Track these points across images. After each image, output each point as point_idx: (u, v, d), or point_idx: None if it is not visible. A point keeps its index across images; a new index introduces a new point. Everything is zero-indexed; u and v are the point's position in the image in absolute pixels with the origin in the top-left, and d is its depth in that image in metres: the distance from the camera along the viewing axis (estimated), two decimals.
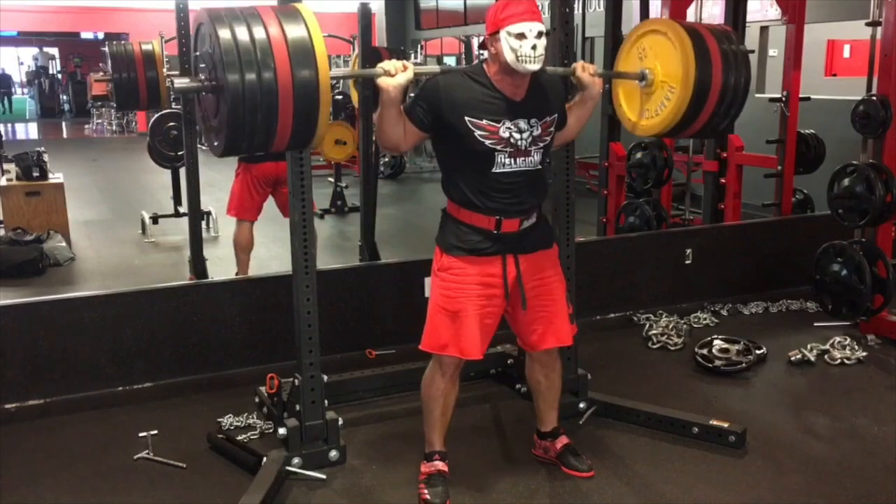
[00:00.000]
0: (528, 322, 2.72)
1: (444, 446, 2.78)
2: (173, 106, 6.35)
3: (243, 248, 4.84)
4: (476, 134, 2.47)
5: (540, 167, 2.59)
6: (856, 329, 4.28)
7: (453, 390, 2.74)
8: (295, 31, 2.29)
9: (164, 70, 4.98)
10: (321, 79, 2.29)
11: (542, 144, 2.56)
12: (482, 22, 2.21)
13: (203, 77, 2.36)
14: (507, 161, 2.51)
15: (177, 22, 4.67)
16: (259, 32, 2.25)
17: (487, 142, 2.48)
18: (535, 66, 2.40)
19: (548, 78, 2.60)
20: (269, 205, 4.90)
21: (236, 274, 4.82)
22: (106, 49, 5.50)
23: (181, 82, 2.44)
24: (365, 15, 5.12)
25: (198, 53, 2.41)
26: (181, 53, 4.64)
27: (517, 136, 2.50)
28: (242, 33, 2.23)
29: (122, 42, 5.58)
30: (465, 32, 14.41)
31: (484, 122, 2.47)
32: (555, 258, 2.76)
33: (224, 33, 2.22)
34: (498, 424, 3.30)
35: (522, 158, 2.53)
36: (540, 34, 2.39)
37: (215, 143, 2.40)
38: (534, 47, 2.37)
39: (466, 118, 2.46)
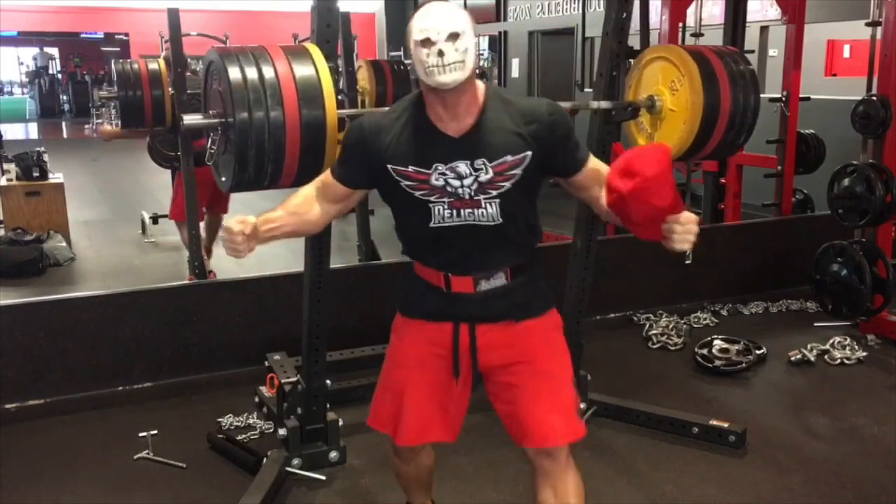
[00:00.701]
0: (505, 411, 2.09)
1: (425, 497, 2.42)
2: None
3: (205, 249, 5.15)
4: (403, 185, 1.93)
5: (500, 222, 1.94)
6: (856, 329, 4.29)
7: (414, 468, 2.31)
8: (303, 70, 2.34)
9: (170, 90, 4.98)
10: (328, 117, 2.34)
11: (496, 192, 1.92)
12: (483, 22, 1.75)
13: (213, 113, 2.41)
14: (447, 213, 1.94)
15: (171, 38, 4.66)
16: (268, 71, 2.30)
17: (417, 193, 1.93)
18: (448, 77, 1.81)
19: (521, 106, 1.96)
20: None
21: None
22: (113, 66, 5.48)
23: (191, 118, 2.50)
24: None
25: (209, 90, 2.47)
26: (176, 73, 4.68)
27: (455, 182, 1.90)
28: (251, 71, 2.29)
29: (129, 61, 5.56)
30: None
31: (410, 169, 1.91)
32: (543, 330, 2.07)
33: (233, 71, 2.27)
34: (498, 423, 3.29)
35: (469, 210, 1.93)
36: (453, 36, 1.81)
37: (223, 179, 2.46)
38: (440, 53, 1.80)
39: (389, 167, 1.93)
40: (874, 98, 4.16)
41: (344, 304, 3.89)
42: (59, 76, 22.70)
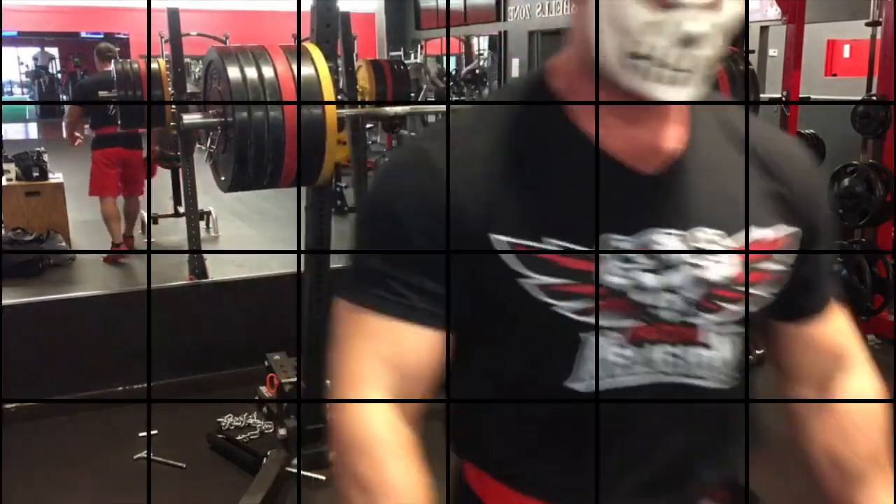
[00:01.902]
0: None
1: None
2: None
3: (113, 218, 5.96)
4: (524, 286, 0.82)
5: (736, 383, 0.94)
6: None
7: None
8: (303, 70, 2.34)
9: (170, 90, 4.99)
10: (328, 116, 2.33)
11: (738, 309, 0.87)
12: (483, 22, 1.26)
13: (213, 112, 2.42)
14: (618, 355, 0.84)
15: (171, 38, 4.67)
16: (268, 71, 2.30)
17: (558, 305, 0.82)
18: (676, 92, 0.78)
19: (756, 137, 0.91)
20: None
21: (112, 244, 5.91)
22: (113, 66, 5.48)
23: (190, 118, 2.51)
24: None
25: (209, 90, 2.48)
26: (176, 73, 4.70)
27: (650, 281, 0.83)
28: (251, 71, 2.29)
29: (128, 61, 5.57)
30: (466, 32, 14.41)
31: (545, 245, 0.81)
32: None
33: (233, 71, 2.28)
34: None
35: (670, 351, 0.85)
36: (711, 6, 0.76)
37: (222, 178, 2.46)
38: (686, 41, 0.76)
39: (494, 237, 0.82)
40: (874, 98, 4.17)
41: None
42: (60, 76, 22.71)
